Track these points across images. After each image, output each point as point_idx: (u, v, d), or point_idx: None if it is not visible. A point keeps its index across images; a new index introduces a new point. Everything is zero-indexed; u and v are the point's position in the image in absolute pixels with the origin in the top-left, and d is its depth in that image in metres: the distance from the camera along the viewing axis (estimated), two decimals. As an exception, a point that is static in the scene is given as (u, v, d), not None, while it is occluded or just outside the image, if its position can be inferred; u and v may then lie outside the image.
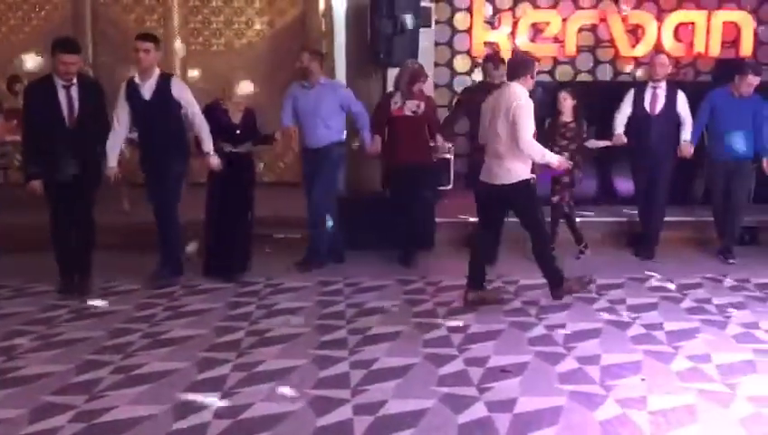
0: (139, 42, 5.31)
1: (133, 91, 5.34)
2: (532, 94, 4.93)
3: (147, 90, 5.33)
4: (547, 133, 6.36)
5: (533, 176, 4.99)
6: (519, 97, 4.77)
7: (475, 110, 6.02)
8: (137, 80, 5.36)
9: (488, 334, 4.45)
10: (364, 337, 4.42)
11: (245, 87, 5.80)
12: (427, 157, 6.28)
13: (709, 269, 6.02)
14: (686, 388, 3.69)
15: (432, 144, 6.25)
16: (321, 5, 8.48)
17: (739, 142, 6.25)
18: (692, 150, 6.25)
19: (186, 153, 5.58)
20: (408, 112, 6.05)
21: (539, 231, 5.02)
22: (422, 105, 6.07)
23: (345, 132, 6.21)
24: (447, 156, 7.96)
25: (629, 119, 6.35)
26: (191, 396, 3.56)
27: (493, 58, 6.40)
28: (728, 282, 5.69)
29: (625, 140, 6.30)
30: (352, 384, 3.70)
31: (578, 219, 6.53)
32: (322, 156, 5.96)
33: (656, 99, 6.29)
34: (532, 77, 4.93)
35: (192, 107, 5.41)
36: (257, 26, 9.02)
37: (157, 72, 5.38)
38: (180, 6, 8.81)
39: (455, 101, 7.00)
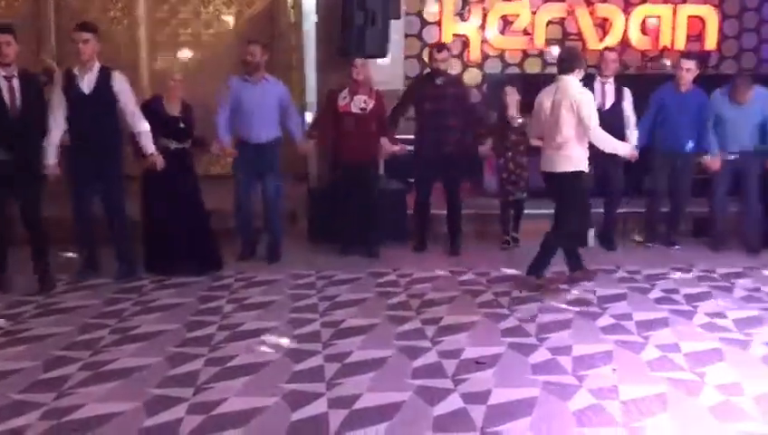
0: (77, 33, 5.13)
1: (71, 84, 5.14)
2: (479, 88, 5.02)
3: (86, 83, 5.15)
4: (494, 129, 6.41)
5: (587, 168, 5.21)
6: (579, 89, 5.07)
7: (423, 98, 6.04)
8: (75, 71, 5.17)
9: (461, 326, 4.47)
10: (338, 330, 4.40)
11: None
12: (376, 155, 6.22)
13: (676, 260, 6.11)
14: (657, 377, 3.74)
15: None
16: (291, -4, 8.41)
17: (685, 136, 6.36)
18: (637, 154, 6.17)
19: (121, 152, 5.41)
20: (355, 109, 6.00)
21: (567, 222, 5.18)
22: (371, 102, 6.02)
23: None
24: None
25: None
26: (163, 392, 3.51)
27: (437, 44, 6.54)
28: (694, 272, 5.79)
29: None
30: (327, 378, 3.69)
31: (538, 211, 6.56)
32: (269, 151, 5.95)
33: (605, 94, 6.36)
34: (582, 69, 5.18)
35: (131, 104, 5.26)
36: (225, 17, 8.90)
37: (97, 65, 5.22)
38: (145, -5, 8.65)
39: (402, 91, 6.89)
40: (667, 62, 9.22)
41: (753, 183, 6.35)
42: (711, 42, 9.24)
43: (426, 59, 9.01)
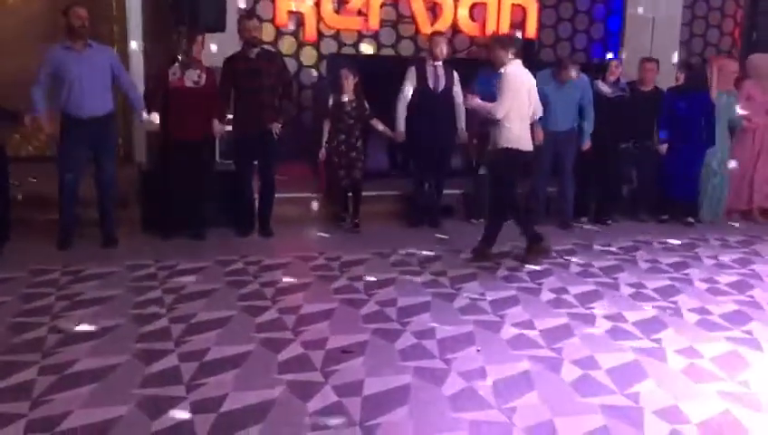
0: None
1: None
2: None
3: None
4: (331, 112, 6.32)
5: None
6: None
7: (238, 74, 5.81)
8: None
9: (321, 314, 4.31)
10: (189, 325, 4.07)
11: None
12: (209, 133, 5.86)
13: (513, 238, 6.34)
14: (519, 355, 3.82)
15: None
16: (112, -40, 7.68)
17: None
18: (466, 138, 6.57)
19: None
20: (189, 83, 5.64)
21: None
22: (203, 75, 5.69)
23: None
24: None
25: (412, 95, 6.45)
26: (-8, 410, 3.03)
27: (246, 12, 6.40)
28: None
29: (404, 137, 6.47)
30: (185, 379, 3.37)
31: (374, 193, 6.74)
32: (104, 125, 5.49)
33: (438, 77, 6.47)
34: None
35: None
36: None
37: None
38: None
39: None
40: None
41: (569, 163, 6.75)
42: (531, 30, 9.72)
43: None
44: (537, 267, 5.49)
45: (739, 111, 7.21)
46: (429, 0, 9.26)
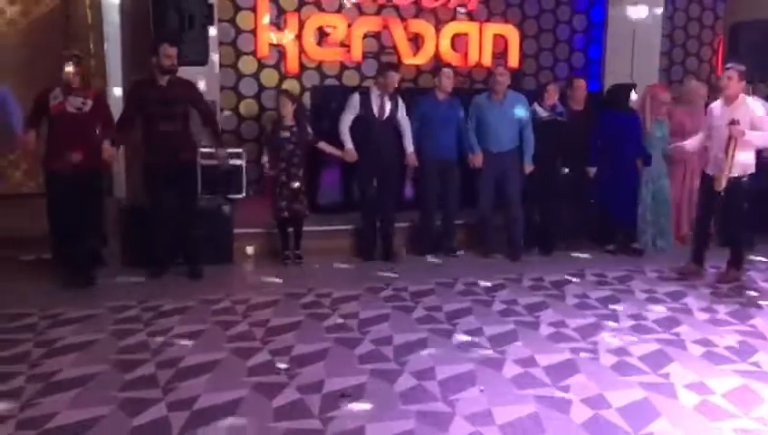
0: None
1: None
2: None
3: None
4: (271, 138, 6.17)
5: None
6: None
7: (146, 102, 5.55)
8: None
9: (315, 355, 4.11)
10: (177, 371, 3.86)
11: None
12: (96, 161, 5.44)
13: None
14: (466, 357, 4.11)
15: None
16: (88, -8, 7.54)
17: (445, 143, 6.54)
18: (416, 160, 6.51)
19: None
20: (70, 109, 5.32)
21: None
22: (89, 102, 5.36)
23: None
24: (238, 162, 7.53)
25: (354, 122, 6.34)
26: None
27: (167, 38, 5.77)
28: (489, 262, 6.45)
29: (356, 156, 6.33)
30: (174, 433, 3.17)
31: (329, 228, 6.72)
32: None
33: (383, 104, 6.37)
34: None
35: None
36: (8, 15, 7.80)
37: None
38: None
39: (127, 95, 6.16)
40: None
41: (516, 188, 6.61)
42: (513, 60, 9.71)
43: (241, 69, 8.63)
44: (491, 283, 5.72)
45: (669, 143, 6.97)
46: (411, 31, 9.24)
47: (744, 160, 5.71)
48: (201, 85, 6.47)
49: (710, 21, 10.96)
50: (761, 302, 5.41)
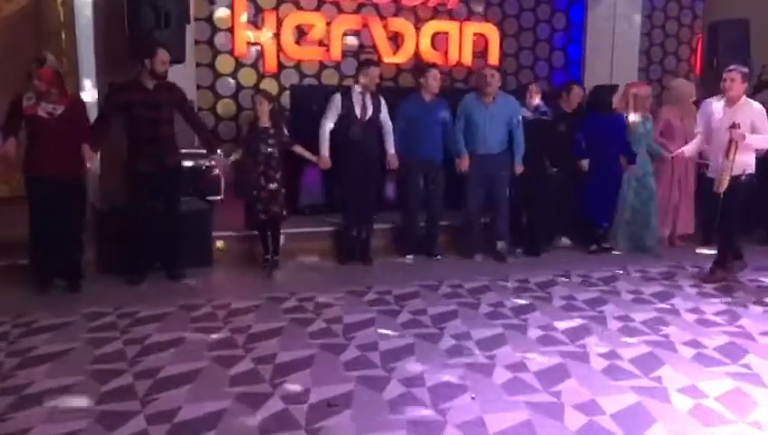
0: None
1: None
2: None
3: None
4: (247, 140, 6.04)
5: None
6: None
7: (134, 107, 5.39)
8: None
9: (300, 362, 3.98)
10: (155, 381, 3.72)
11: None
12: (76, 166, 5.26)
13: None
14: (455, 363, 4.01)
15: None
16: (60, -9, 7.35)
17: (431, 144, 6.41)
18: (397, 162, 6.37)
19: None
20: (42, 113, 5.12)
21: None
22: (60, 107, 5.14)
23: None
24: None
25: (336, 123, 6.21)
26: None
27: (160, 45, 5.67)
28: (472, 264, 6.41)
29: (329, 163, 6.20)
30: (155, 446, 3.04)
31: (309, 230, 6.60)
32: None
33: (365, 104, 6.24)
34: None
35: None
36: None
37: None
38: None
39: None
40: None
41: (503, 191, 6.54)
42: (494, 58, 9.67)
43: (218, 68, 8.47)
44: (475, 284, 5.64)
45: (657, 139, 6.98)
46: (391, 29, 9.16)
47: (744, 160, 5.65)
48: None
49: (688, 20, 11.01)
50: (747, 302, 5.39)
